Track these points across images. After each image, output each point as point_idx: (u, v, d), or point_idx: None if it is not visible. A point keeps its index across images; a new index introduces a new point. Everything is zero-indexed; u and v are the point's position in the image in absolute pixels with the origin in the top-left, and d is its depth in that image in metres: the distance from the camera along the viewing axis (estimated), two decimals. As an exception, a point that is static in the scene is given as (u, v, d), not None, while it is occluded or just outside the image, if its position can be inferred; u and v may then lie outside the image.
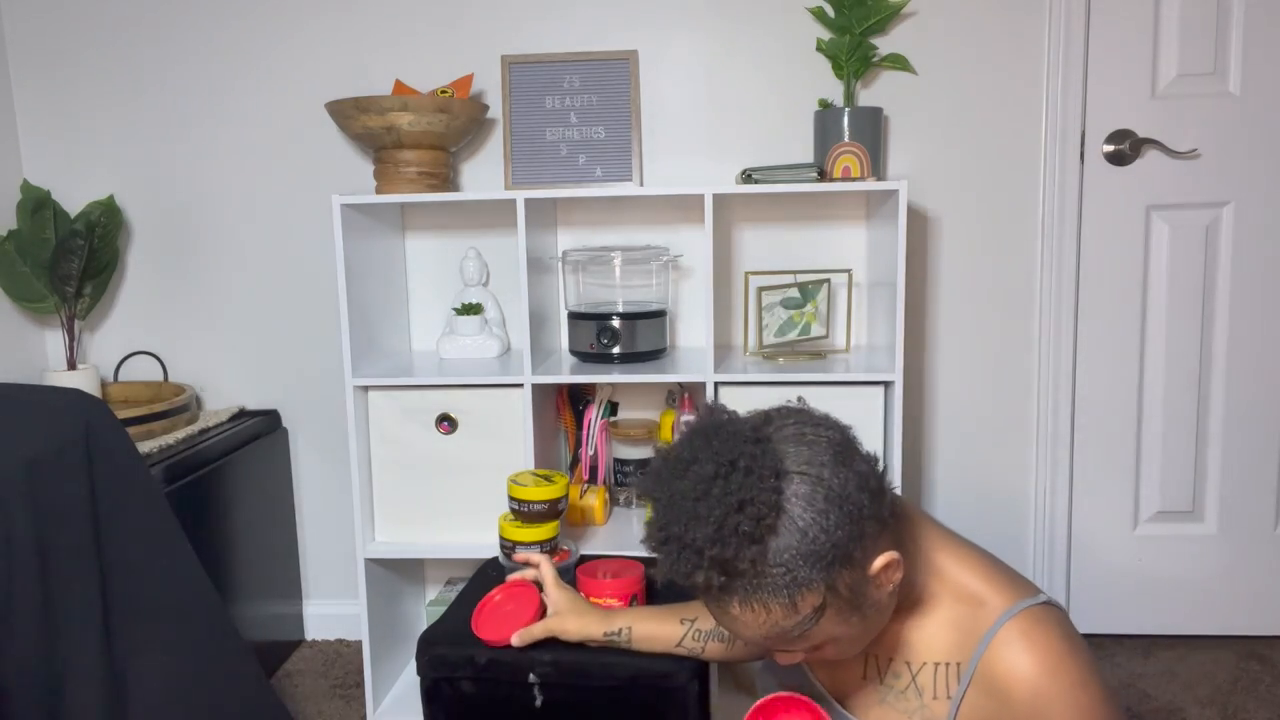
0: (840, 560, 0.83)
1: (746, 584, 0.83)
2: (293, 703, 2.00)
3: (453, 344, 1.97)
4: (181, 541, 1.39)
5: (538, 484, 1.61)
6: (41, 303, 2.06)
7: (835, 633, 0.87)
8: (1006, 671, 0.86)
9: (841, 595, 0.84)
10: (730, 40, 2.03)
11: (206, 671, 1.40)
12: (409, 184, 1.87)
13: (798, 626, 0.84)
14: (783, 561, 0.82)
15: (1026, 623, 0.87)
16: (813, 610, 0.84)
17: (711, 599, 0.86)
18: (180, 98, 2.14)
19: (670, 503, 0.85)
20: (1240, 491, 2.11)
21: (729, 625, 0.88)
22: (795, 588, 0.82)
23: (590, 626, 1.28)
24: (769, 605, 0.83)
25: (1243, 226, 2.02)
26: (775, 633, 0.85)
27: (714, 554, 0.82)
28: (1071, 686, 0.84)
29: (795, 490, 0.83)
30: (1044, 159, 2.02)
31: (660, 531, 0.86)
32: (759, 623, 0.85)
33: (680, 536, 0.83)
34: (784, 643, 0.87)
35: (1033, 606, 0.88)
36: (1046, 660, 0.85)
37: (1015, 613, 0.88)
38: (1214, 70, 1.98)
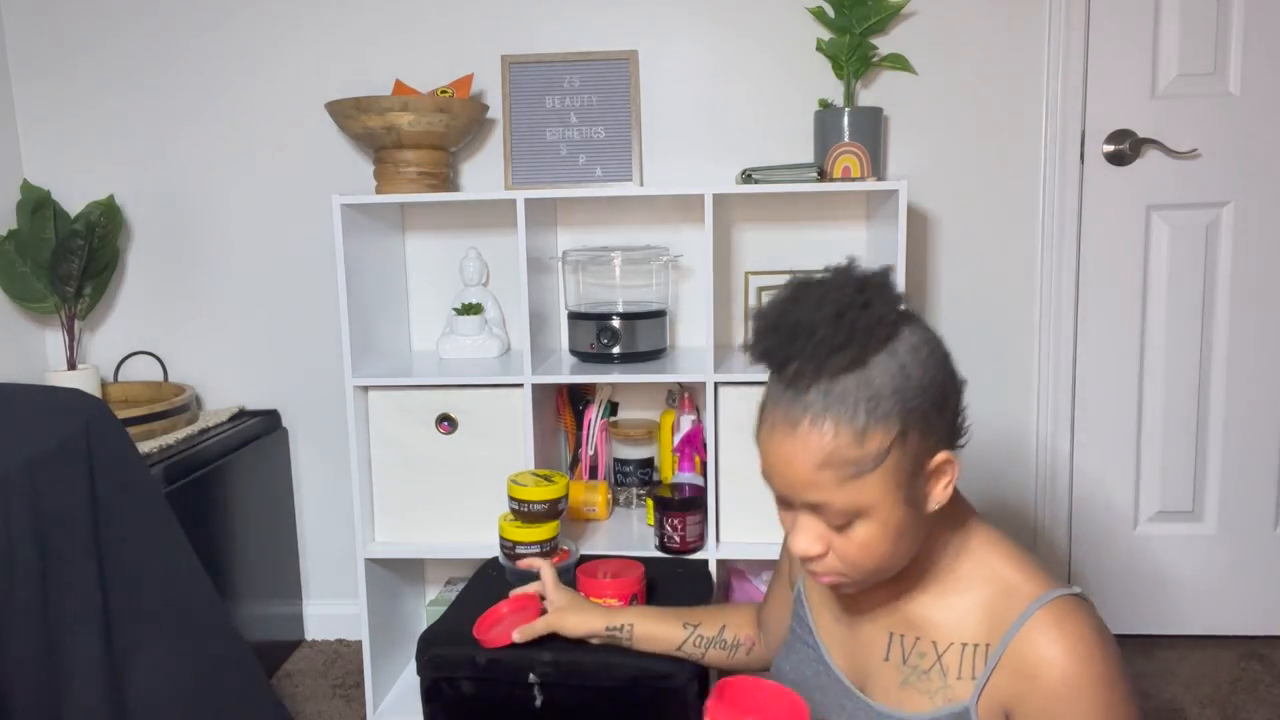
0: (919, 415, 0.84)
1: (831, 390, 0.83)
2: (293, 703, 2.00)
3: (453, 344, 1.97)
4: (181, 541, 1.39)
5: (538, 484, 1.61)
6: (41, 303, 2.06)
7: (874, 503, 0.84)
8: (1037, 656, 0.85)
9: (903, 457, 0.84)
10: (730, 40, 2.03)
11: (206, 671, 1.40)
12: (409, 184, 1.87)
13: (853, 465, 0.83)
14: (872, 384, 0.82)
15: (1060, 611, 0.86)
16: (875, 452, 0.82)
17: (785, 406, 0.85)
18: (180, 98, 2.14)
19: (795, 289, 0.87)
20: (1240, 491, 2.11)
21: (782, 454, 0.85)
22: (871, 416, 0.82)
23: (592, 621, 1.28)
24: (839, 426, 0.82)
25: (1243, 226, 2.02)
26: (829, 463, 0.83)
27: (822, 336, 0.82)
28: (1100, 678, 0.83)
29: (910, 333, 0.86)
30: (1044, 159, 2.02)
31: (774, 309, 0.87)
32: (819, 445, 0.83)
33: (794, 313, 0.85)
34: (824, 491, 0.84)
35: (1066, 596, 0.88)
36: (1079, 649, 0.84)
37: (1049, 599, 0.87)
38: (1214, 70, 1.98)
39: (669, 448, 1.95)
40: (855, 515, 0.85)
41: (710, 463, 1.78)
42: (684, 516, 1.74)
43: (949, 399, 0.86)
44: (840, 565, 0.88)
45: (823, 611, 1.05)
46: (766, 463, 0.88)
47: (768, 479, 0.89)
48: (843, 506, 0.84)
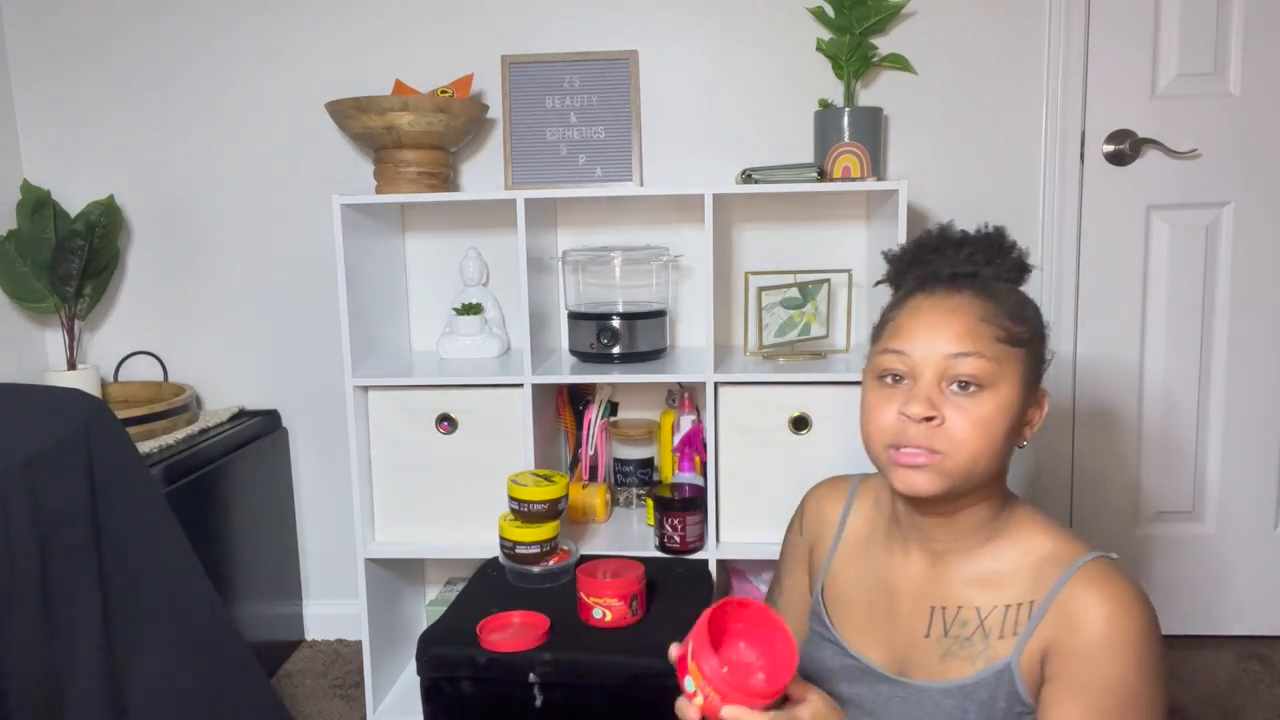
0: (1041, 343, 0.98)
1: (990, 285, 0.97)
2: (293, 703, 2.00)
3: (453, 344, 1.97)
4: (181, 541, 1.39)
5: (538, 484, 1.61)
6: (41, 303, 2.06)
7: (1007, 379, 0.92)
8: (1082, 606, 0.89)
9: (1031, 362, 0.95)
10: (730, 40, 2.03)
11: (206, 671, 1.40)
12: (409, 184, 1.87)
13: (1007, 332, 0.93)
14: (1018, 294, 0.99)
15: (1101, 569, 0.91)
16: (1023, 335, 0.94)
17: (944, 287, 0.97)
18: (180, 98, 2.14)
19: (944, 227, 1.05)
20: (1240, 491, 2.11)
21: (940, 310, 0.95)
22: (1022, 311, 0.96)
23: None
24: (999, 302, 0.94)
25: (1243, 226, 2.02)
26: (989, 319, 0.93)
27: (989, 234, 1.01)
28: (1140, 632, 0.88)
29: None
30: (1044, 159, 2.02)
31: (931, 234, 1.05)
32: (983, 306, 0.93)
33: (954, 233, 1.03)
34: (980, 342, 0.92)
35: (1105, 558, 0.94)
36: (1122, 602, 0.89)
37: (1091, 558, 0.92)
38: (1214, 70, 1.98)
39: (669, 448, 1.95)
40: (988, 380, 0.91)
41: (710, 463, 1.78)
42: (684, 516, 1.74)
43: (1048, 355, 1.00)
44: (941, 439, 0.91)
45: (851, 607, 1.07)
46: (907, 325, 0.96)
47: (898, 347, 0.95)
48: (986, 364, 0.91)
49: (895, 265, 1.08)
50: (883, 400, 0.95)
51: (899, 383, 0.95)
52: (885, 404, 0.95)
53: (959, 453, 0.91)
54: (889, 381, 0.96)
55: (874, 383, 0.98)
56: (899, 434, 0.93)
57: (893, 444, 0.94)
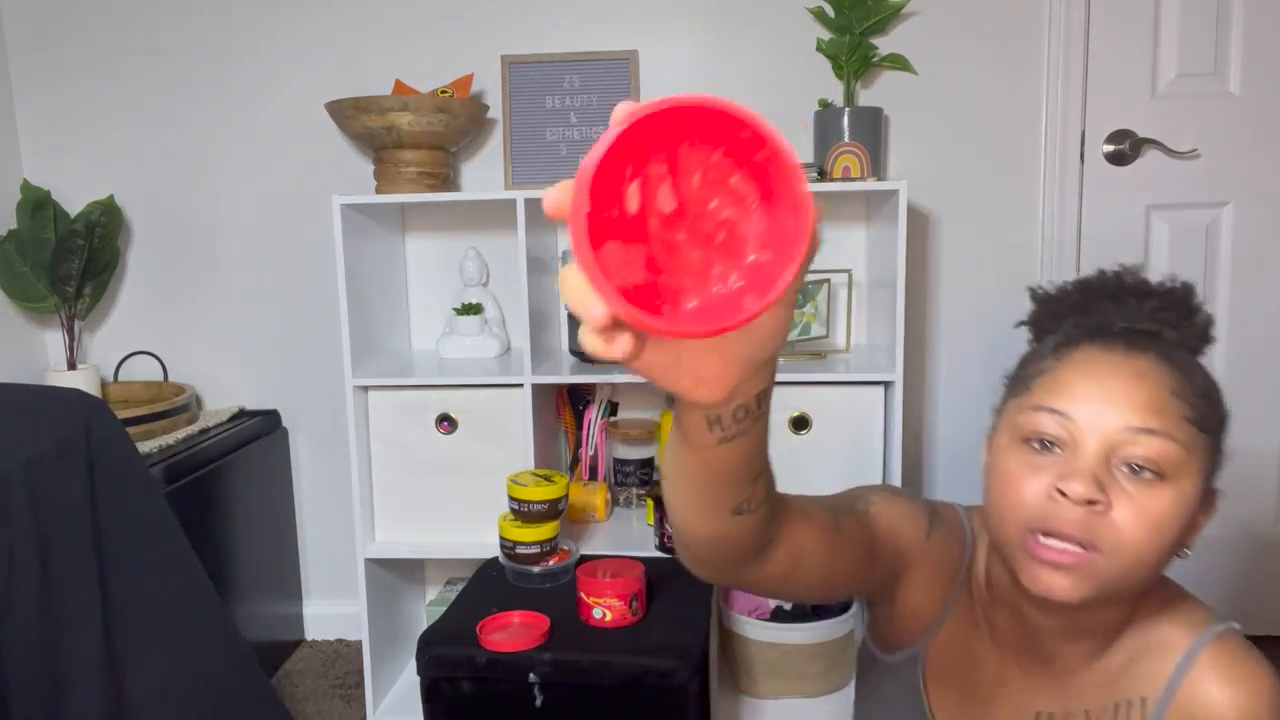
0: (1222, 429, 0.79)
1: (1174, 352, 0.78)
2: (293, 703, 2.00)
3: (453, 344, 1.97)
4: (181, 541, 1.39)
5: (538, 484, 1.61)
6: (41, 303, 2.06)
7: (1190, 470, 0.74)
8: (1209, 705, 0.78)
9: (1212, 451, 0.77)
10: (730, 40, 2.03)
11: (206, 671, 1.40)
12: (409, 184, 1.87)
13: (1197, 411, 0.75)
14: (1205, 369, 0.80)
15: (1221, 653, 0.80)
16: (1210, 419, 0.76)
17: (1122, 345, 0.78)
18: (180, 98, 2.14)
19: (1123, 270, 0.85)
20: (1240, 491, 2.11)
21: (1125, 373, 0.76)
22: (1210, 390, 0.78)
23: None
24: (1188, 374, 0.76)
25: (1243, 226, 2.02)
26: (1181, 394, 0.75)
27: (1177, 289, 0.82)
28: (1272, 716, 0.78)
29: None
30: (1044, 159, 2.02)
31: (1105, 276, 0.85)
32: (1172, 376, 0.75)
33: (1141, 278, 0.84)
34: (1168, 419, 0.74)
35: (1223, 633, 0.82)
36: (1249, 690, 0.78)
37: (1206, 642, 0.80)
38: (1214, 70, 1.98)
39: (669, 448, 1.95)
40: (1171, 469, 0.73)
41: (710, 463, 1.78)
42: (684, 516, 1.74)
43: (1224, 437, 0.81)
44: (1103, 534, 0.72)
45: (948, 687, 0.91)
46: (1075, 383, 0.76)
47: (1060, 407, 0.76)
48: (1173, 448, 0.73)
49: (1050, 306, 0.87)
50: (1029, 470, 0.76)
51: (1051, 451, 0.76)
52: (1032, 475, 0.75)
53: (1119, 555, 0.72)
54: (1037, 447, 0.76)
55: (1016, 446, 0.78)
56: (1048, 516, 0.73)
57: (1037, 529, 0.74)
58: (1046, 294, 0.88)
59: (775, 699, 1.85)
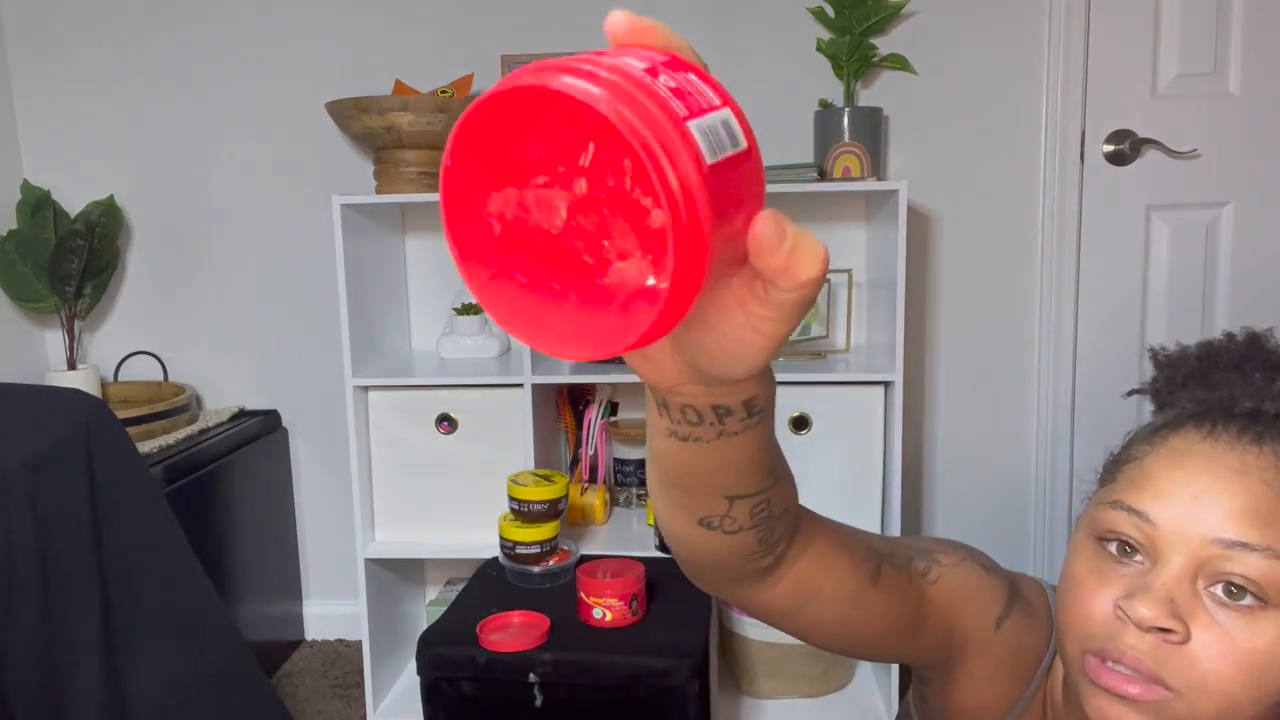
0: None
1: None
2: (293, 703, 2.00)
3: (453, 344, 1.97)
4: (181, 541, 1.39)
5: (538, 484, 1.61)
6: (41, 303, 2.06)
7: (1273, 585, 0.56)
8: None
9: None
10: (730, 40, 2.03)
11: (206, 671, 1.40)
12: (409, 184, 1.87)
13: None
14: None
15: None
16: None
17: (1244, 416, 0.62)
18: (180, 98, 2.14)
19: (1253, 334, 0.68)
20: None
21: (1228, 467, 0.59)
22: None
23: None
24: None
25: (1243, 226, 2.02)
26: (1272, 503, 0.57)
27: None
28: None
29: None
30: (1044, 159, 2.02)
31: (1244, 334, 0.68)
32: (1268, 477, 0.58)
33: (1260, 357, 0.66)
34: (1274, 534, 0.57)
35: None
36: None
37: None
38: (1214, 70, 1.98)
39: (669, 448, 1.95)
40: (1274, 595, 0.56)
41: (710, 463, 1.78)
42: (684, 516, 1.74)
43: None
44: (1178, 669, 0.57)
45: None
46: (1164, 479, 0.60)
47: (1140, 507, 0.60)
48: (1278, 568, 0.56)
49: (1168, 373, 0.70)
50: (1097, 578, 0.61)
51: (1128, 556, 0.61)
52: (1101, 585, 0.61)
53: (1201, 698, 0.57)
54: (1113, 550, 0.61)
55: (1089, 545, 0.63)
56: (1110, 637, 0.59)
57: (1098, 650, 0.60)
58: (1166, 357, 0.71)
59: (775, 699, 1.85)
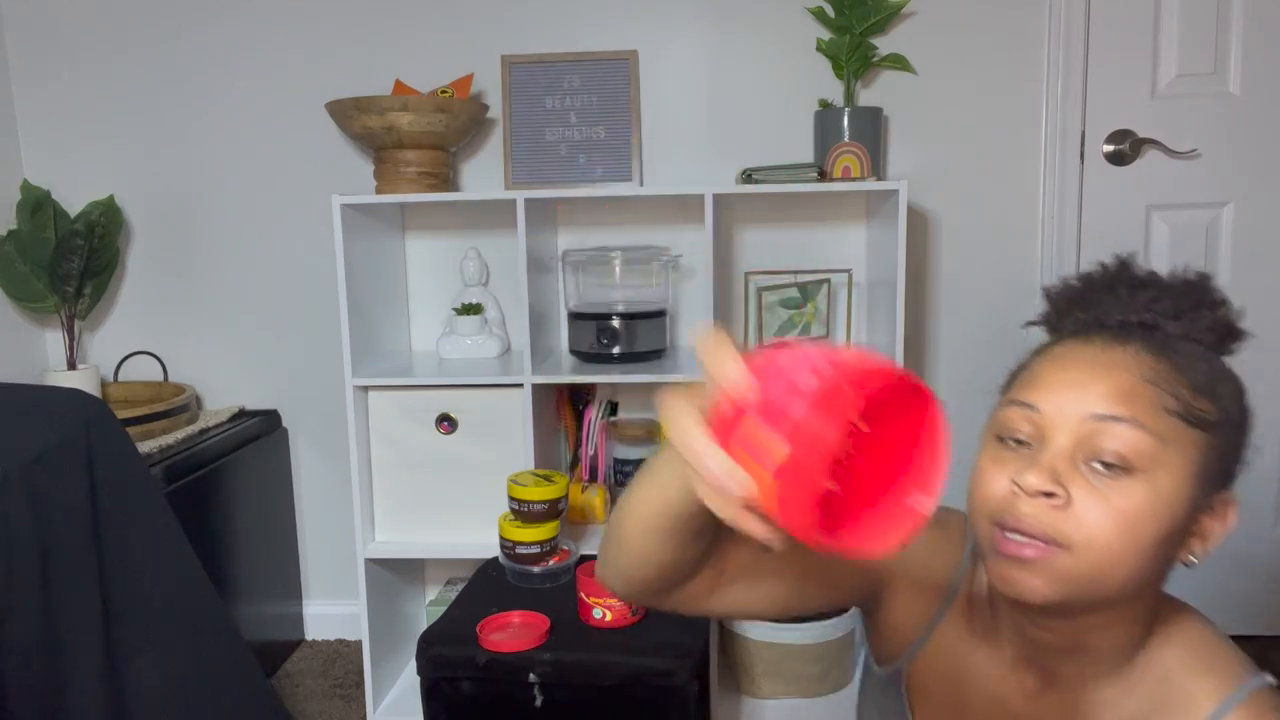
0: (1234, 429, 0.76)
1: (1178, 343, 0.74)
2: (293, 703, 2.00)
3: (453, 344, 1.97)
4: (181, 541, 1.39)
5: (538, 484, 1.61)
6: (41, 303, 2.06)
7: (1168, 465, 0.69)
8: None
9: (1213, 452, 0.73)
10: (730, 40, 2.03)
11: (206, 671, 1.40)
12: (409, 184, 1.87)
13: (1179, 402, 0.70)
14: (1214, 365, 0.76)
15: (1260, 710, 0.73)
16: (1200, 414, 0.71)
17: (1115, 326, 0.76)
18: (180, 98, 2.14)
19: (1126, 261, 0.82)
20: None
21: (1099, 363, 0.72)
22: (1211, 384, 0.73)
23: None
24: (1179, 366, 0.72)
25: (1243, 226, 2.02)
26: (1158, 382, 0.70)
27: (1187, 280, 0.78)
28: None
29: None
30: (1044, 159, 2.02)
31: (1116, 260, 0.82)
32: (1154, 365, 0.71)
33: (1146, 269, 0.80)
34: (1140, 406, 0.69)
35: (1258, 690, 0.74)
36: None
37: (1239, 700, 0.73)
38: (1214, 70, 1.98)
39: (669, 448, 1.95)
40: (1142, 462, 0.68)
41: (710, 463, 1.78)
42: (684, 516, 1.74)
43: (1246, 453, 0.77)
44: (1063, 529, 0.68)
45: (940, 709, 0.85)
46: (1044, 375, 0.73)
47: (1026, 399, 0.72)
48: (1142, 438, 0.68)
49: (1054, 303, 0.83)
50: (997, 465, 0.72)
51: (1022, 447, 0.72)
52: (999, 469, 0.72)
53: (1085, 551, 0.67)
54: (1010, 444, 0.73)
55: (991, 443, 0.74)
56: (1008, 508, 0.69)
57: (999, 519, 0.70)
58: (1054, 289, 0.84)
59: (775, 699, 1.85)
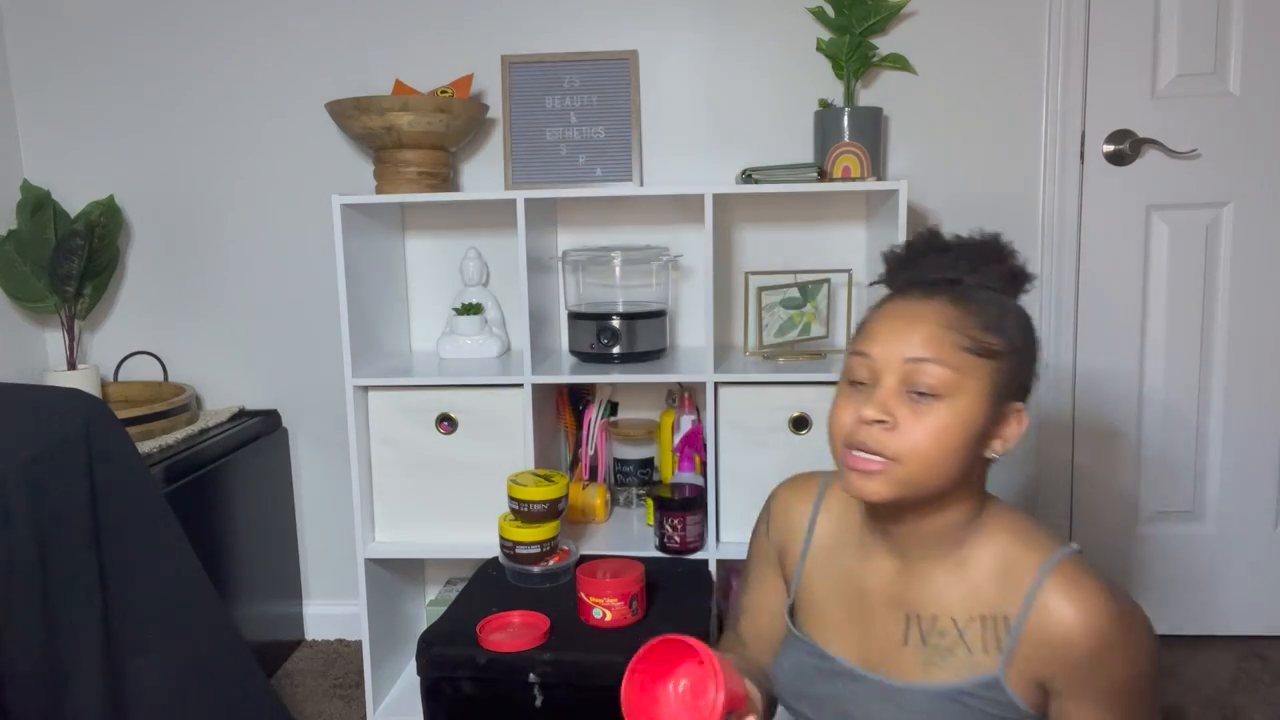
0: (1023, 355, 0.95)
1: (973, 292, 0.96)
2: (293, 703, 2.00)
3: (453, 344, 1.97)
4: (181, 541, 1.39)
5: (538, 484, 1.61)
6: (41, 303, 2.06)
7: (966, 390, 0.91)
8: (1061, 624, 0.89)
9: (1003, 375, 0.93)
10: (730, 40, 2.03)
11: (206, 671, 1.40)
12: (409, 184, 1.87)
13: (973, 340, 0.92)
14: (1005, 305, 0.96)
15: (1070, 572, 0.91)
16: (991, 347, 0.92)
17: (924, 291, 0.96)
18: (180, 98, 2.14)
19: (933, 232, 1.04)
20: (1240, 491, 2.11)
21: (907, 315, 0.94)
22: (1001, 321, 0.94)
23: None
24: (972, 310, 0.93)
25: (1243, 226, 2.02)
26: (956, 327, 0.92)
27: (979, 241, 0.99)
28: (1122, 627, 0.89)
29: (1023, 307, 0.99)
30: (1044, 159, 2.02)
31: (930, 232, 1.03)
32: (952, 313, 0.93)
33: (952, 235, 1.01)
34: (941, 349, 0.91)
35: (1070, 556, 0.93)
36: (1097, 609, 0.89)
37: (1056, 562, 0.92)
38: (1214, 70, 1.98)
39: (669, 448, 1.95)
40: (946, 390, 0.91)
41: (710, 463, 1.78)
42: (684, 516, 1.74)
43: (1036, 369, 0.98)
44: (892, 446, 0.91)
45: (825, 610, 1.06)
46: (875, 329, 0.96)
47: (863, 349, 0.95)
48: (945, 372, 0.91)
49: (888, 267, 1.06)
50: (845, 401, 0.96)
51: (862, 387, 0.95)
52: (846, 405, 0.95)
53: (910, 460, 0.91)
54: (854, 385, 0.96)
55: (843, 385, 0.98)
56: (853, 433, 0.93)
57: (848, 442, 0.94)
58: (887, 254, 1.06)
59: (775, 699, 1.85)
